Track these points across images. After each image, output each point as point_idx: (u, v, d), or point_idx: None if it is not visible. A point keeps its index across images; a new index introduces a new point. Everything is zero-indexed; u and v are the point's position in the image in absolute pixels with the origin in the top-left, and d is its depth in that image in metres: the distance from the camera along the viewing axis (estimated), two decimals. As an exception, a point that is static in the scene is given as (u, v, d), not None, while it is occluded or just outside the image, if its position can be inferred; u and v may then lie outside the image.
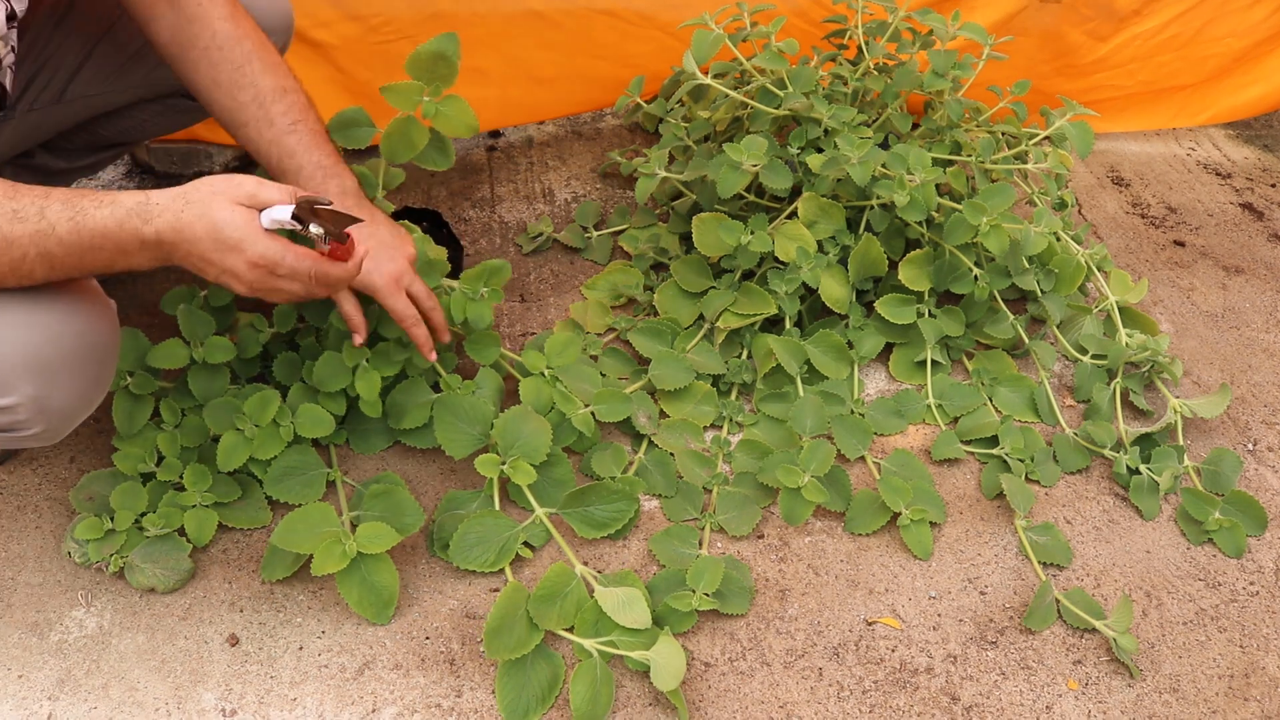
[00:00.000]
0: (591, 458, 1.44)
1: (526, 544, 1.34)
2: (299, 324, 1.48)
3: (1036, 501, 1.49)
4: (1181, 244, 2.05)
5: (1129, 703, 1.25)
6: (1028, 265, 1.62)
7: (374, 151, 1.47)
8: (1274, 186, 2.25)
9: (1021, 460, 1.51)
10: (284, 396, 1.38)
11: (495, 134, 2.18)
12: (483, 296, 1.45)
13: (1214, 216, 2.14)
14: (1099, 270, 1.74)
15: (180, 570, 1.27)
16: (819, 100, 1.64)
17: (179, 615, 1.26)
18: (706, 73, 1.77)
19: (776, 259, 1.61)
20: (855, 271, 1.62)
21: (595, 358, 1.61)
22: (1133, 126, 2.38)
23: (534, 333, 1.69)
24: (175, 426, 1.37)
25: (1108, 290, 1.71)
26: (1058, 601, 1.34)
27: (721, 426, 1.56)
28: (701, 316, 1.64)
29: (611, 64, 2.00)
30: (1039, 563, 1.40)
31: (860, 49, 1.80)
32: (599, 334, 1.68)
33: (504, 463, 1.34)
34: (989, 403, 1.61)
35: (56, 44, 1.34)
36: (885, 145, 1.73)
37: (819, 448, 1.41)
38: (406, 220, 1.48)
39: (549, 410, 1.43)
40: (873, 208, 1.63)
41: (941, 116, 1.79)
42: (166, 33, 1.26)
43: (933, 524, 1.43)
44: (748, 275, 1.66)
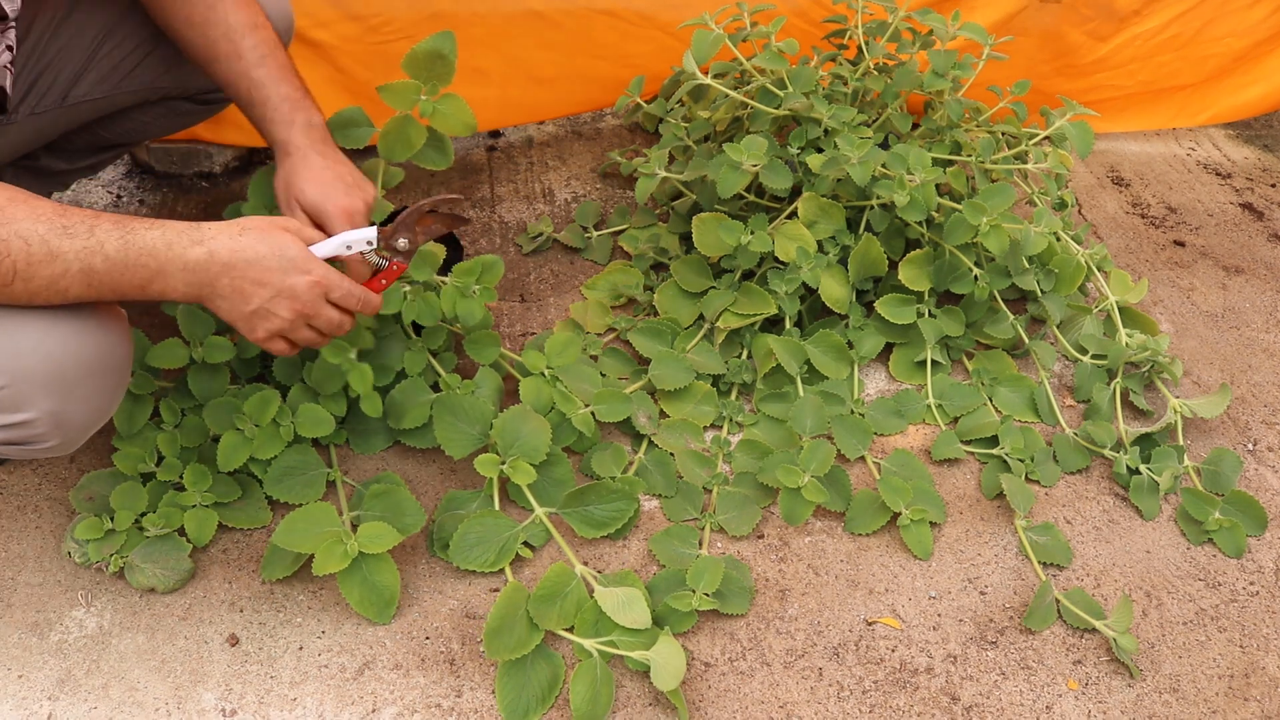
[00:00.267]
0: (591, 458, 1.44)
1: (526, 544, 1.34)
2: None
3: (1036, 501, 1.49)
4: (1181, 244, 2.05)
5: (1129, 703, 1.25)
6: (1028, 265, 1.62)
7: (373, 151, 1.48)
8: (1274, 186, 2.25)
9: (1021, 460, 1.51)
10: (284, 396, 1.38)
11: (495, 134, 2.18)
12: (474, 294, 1.45)
13: (1214, 216, 2.14)
14: (1099, 270, 1.74)
15: (180, 570, 1.27)
16: (819, 100, 1.64)
17: (179, 615, 1.26)
18: (706, 73, 1.77)
19: (776, 259, 1.61)
20: (855, 271, 1.62)
21: (595, 358, 1.61)
22: (1133, 126, 2.38)
23: (534, 333, 1.69)
24: (175, 426, 1.37)
25: (1108, 290, 1.71)
26: (1058, 601, 1.34)
27: (721, 426, 1.56)
28: (701, 316, 1.64)
29: (611, 64, 2.00)
30: (1039, 563, 1.40)
31: (860, 49, 1.80)
32: (599, 334, 1.68)
33: (504, 463, 1.34)
34: (989, 403, 1.61)
35: (58, 48, 1.34)
36: (885, 145, 1.73)
37: (819, 448, 1.41)
38: None
39: (549, 410, 1.43)
40: (873, 208, 1.63)
41: (941, 116, 1.79)
42: None
43: (933, 524, 1.43)
44: (748, 275, 1.66)
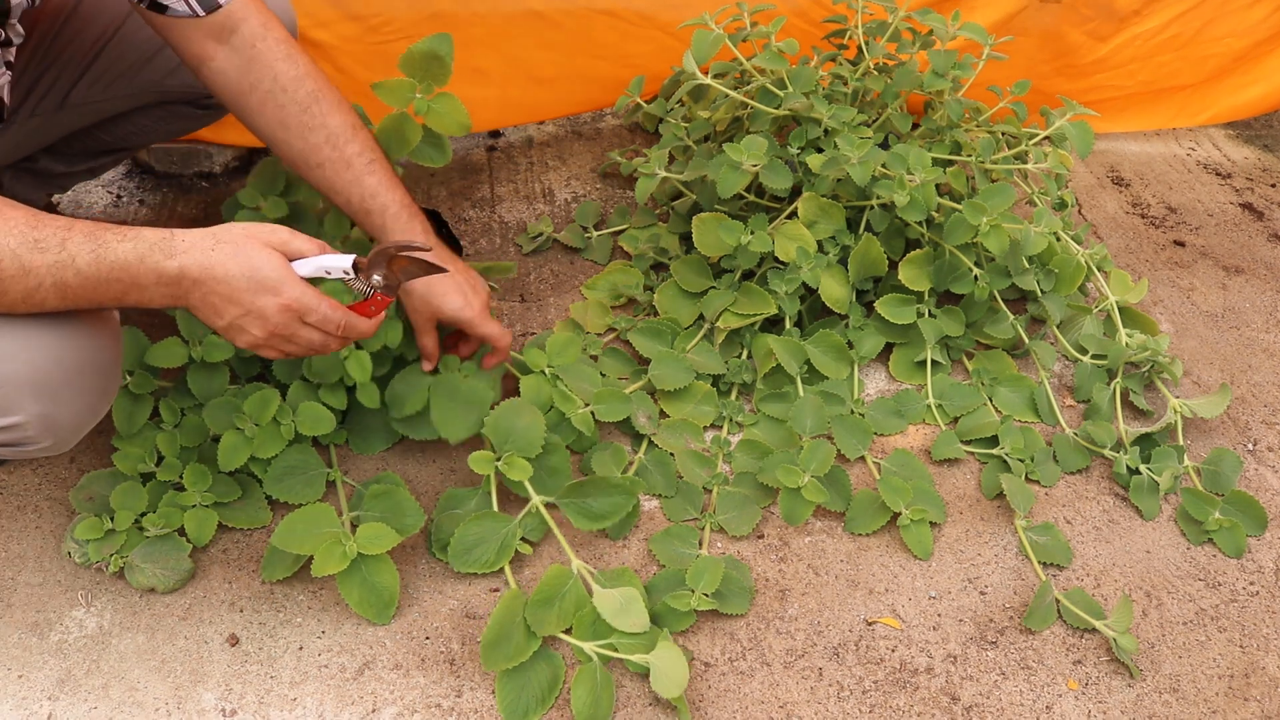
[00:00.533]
0: (591, 458, 1.44)
1: (525, 540, 1.34)
2: None
3: (1036, 501, 1.49)
4: (1181, 244, 2.05)
5: (1129, 703, 1.25)
6: (1028, 265, 1.62)
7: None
8: (1274, 186, 2.25)
9: (1021, 460, 1.51)
10: (284, 395, 1.38)
11: (495, 134, 2.18)
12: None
13: (1214, 216, 2.14)
14: (1099, 270, 1.74)
15: (180, 570, 1.27)
16: (819, 100, 1.64)
17: (179, 615, 1.26)
18: (706, 73, 1.77)
19: (776, 259, 1.60)
20: (855, 271, 1.62)
21: (595, 358, 1.61)
22: (1133, 127, 2.38)
23: (534, 333, 1.69)
24: (175, 426, 1.37)
25: (1108, 290, 1.71)
26: (1058, 601, 1.34)
27: (721, 426, 1.56)
28: (701, 316, 1.64)
29: (611, 64, 2.00)
30: (1039, 563, 1.40)
31: (860, 49, 1.80)
32: (599, 334, 1.68)
33: (499, 458, 1.33)
34: (989, 403, 1.61)
35: (59, 50, 1.33)
36: (885, 145, 1.73)
37: (819, 448, 1.41)
38: None
39: (549, 409, 1.43)
40: (873, 208, 1.63)
41: (941, 116, 1.79)
42: (222, 76, 1.24)
43: (933, 524, 1.43)
44: (748, 275, 1.66)
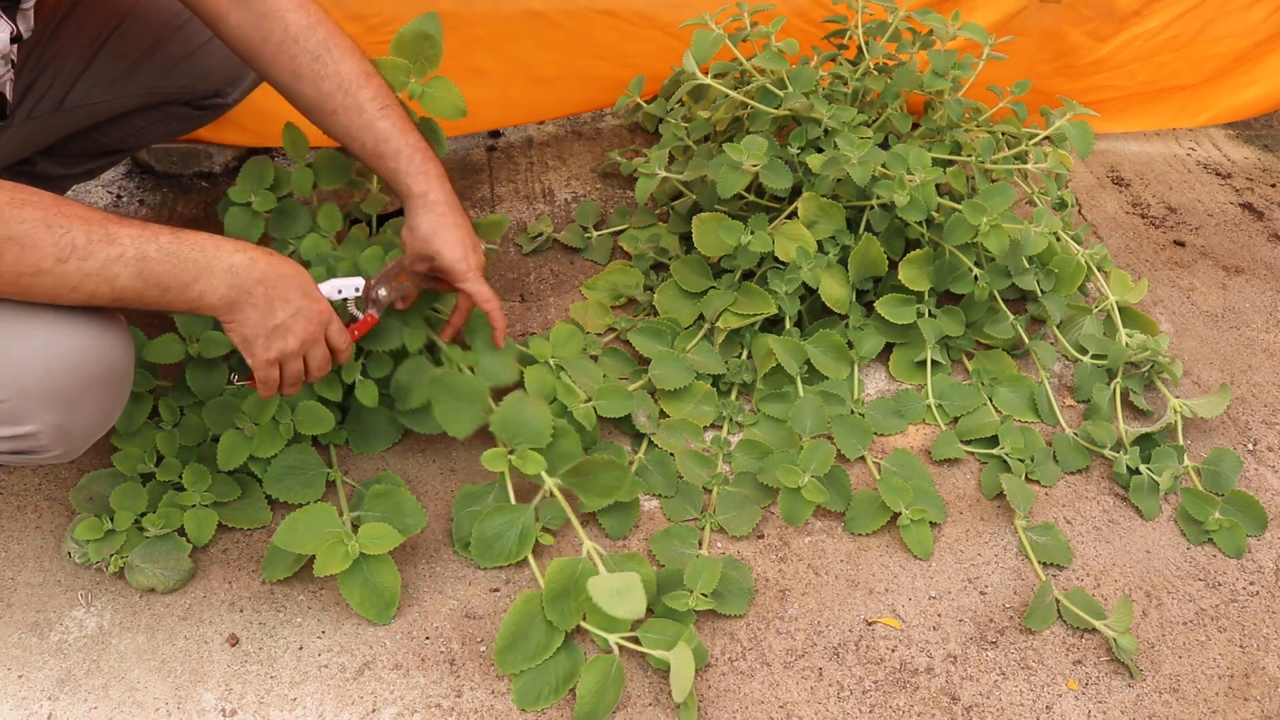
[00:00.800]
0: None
1: (546, 529, 1.33)
2: None
3: (1036, 501, 1.49)
4: (1181, 244, 2.05)
5: (1129, 703, 1.25)
6: (1028, 265, 1.62)
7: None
8: (1274, 186, 2.25)
9: (1021, 460, 1.51)
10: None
11: (495, 134, 2.18)
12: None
13: (1214, 216, 2.14)
14: (1099, 270, 1.74)
15: (180, 570, 1.27)
16: (819, 100, 1.64)
17: (179, 615, 1.26)
18: (706, 73, 1.77)
19: (776, 259, 1.60)
20: (855, 271, 1.62)
21: (595, 358, 1.61)
22: (1133, 127, 2.38)
23: (534, 332, 1.69)
24: (174, 425, 1.37)
25: (1108, 290, 1.71)
26: (1058, 601, 1.34)
27: (721, 426, 1.56)
28: (701, 316, 1.64)
29: (611, 64, 2.00)
30: (1039, 563, 1.40)
31: (860, 49, 1.80)
32: (599, 334, 1.68)
33: (510, 453, 1.33)
34: (989, 403, 1.61)
35: (55, 50, 1.33)
36: (885, 145, 1.73)
37: (819, 448, 1.41)
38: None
39: (552, 401, 1.43)
40: (873, 208, 1.63)
41: (941, 116, 1.79)
42: (237, 30, 1.26)
43: (933, 524, 1.43)
44: (748, 275, 1.66)
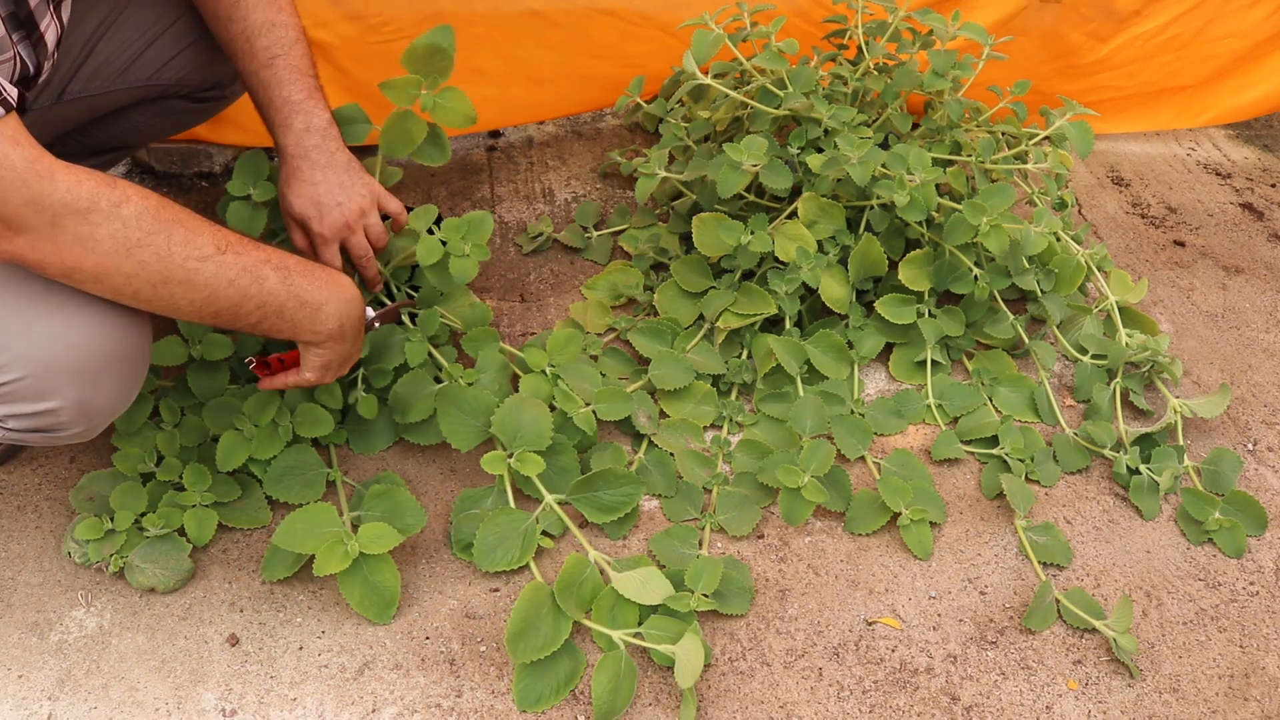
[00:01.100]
0: (592, 457, 1.44)
1: (546, 533, 1.34)
2: None
3: (1036, 501, 1.49)
4: (1181, 244, 2.05)
5: (1129, 703, 1.25)
6: (1028, 265, 1.62)
7: (372, 149, 1.48)
8: (1274, 186, 2.25)
9: (1021, 460, 1.51)
10: (282, 395, 1.38)
11: (495, 134, 2.17)
12: (467, 254, 1.41)
13: (1214, 216, 2.14)
14: (1099, 270, 1.74)
15: (180, 570, 1.27)
16: (819, 100, 1.64)
17: (179, 615, 1.26)
18: (706, 73, 1.77)
19: (776, 259, 1.60)
20: (855, 271, 1.62)
21: (595, 358, 1.61)
22: (1133, 127, 2.38)
23: (534, 333, 1.69)
24: (175, 426, 1.37)
25: (1108, 290, 1.71)
26: (1058, 601, 1.34)
27: (721, 426, 1.56)
28: (701, 316, 1.63)
29: (611, 64, 2.00)
30: (1039, 563, 1.40)
31: (860, 49, 1.80)
32: (599, 334, 1.68)
33: (510, 456, 1.33)
34: (989, 403, 1.61)
35: None
36: (885, 145, 1.73)
37: (819, 448, 1.41)
38: None
39: (552, 409, 1.43)
40: (873, 208, 1.63)
41: (941, 116, 1.79)
42: None
43: (933, 524, 1.43)
44: (748, 275, 1.66)
